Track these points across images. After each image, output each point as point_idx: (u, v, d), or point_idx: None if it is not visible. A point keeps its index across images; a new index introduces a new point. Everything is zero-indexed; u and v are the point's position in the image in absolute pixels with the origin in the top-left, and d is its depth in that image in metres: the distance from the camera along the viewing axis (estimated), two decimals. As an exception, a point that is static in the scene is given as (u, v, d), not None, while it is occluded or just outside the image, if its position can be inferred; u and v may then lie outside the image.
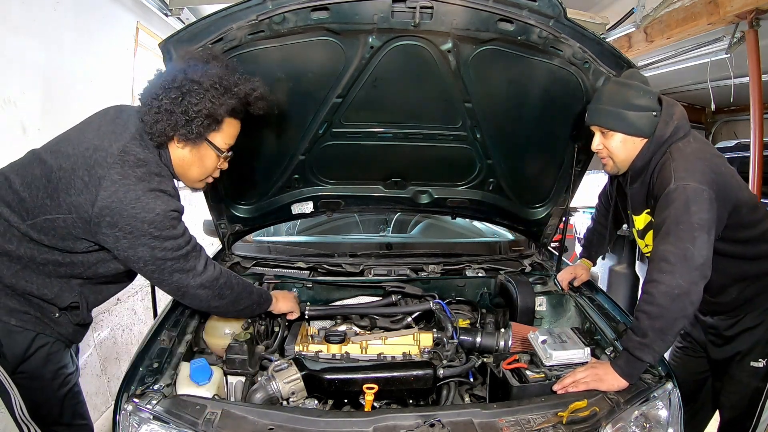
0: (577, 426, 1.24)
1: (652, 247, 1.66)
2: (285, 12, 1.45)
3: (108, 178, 1.25)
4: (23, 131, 2.20)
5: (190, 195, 1.66)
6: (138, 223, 1.26)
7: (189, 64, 1.34)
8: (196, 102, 1.30)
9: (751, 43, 2.86)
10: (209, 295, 1.44)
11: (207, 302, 1.47)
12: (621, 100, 1.51)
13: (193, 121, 1.32)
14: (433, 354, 1.69)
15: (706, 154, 1.49)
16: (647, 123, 1.51)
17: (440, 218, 2.86)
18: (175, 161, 1.42)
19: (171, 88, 1.30)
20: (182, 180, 1.49)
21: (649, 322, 1.35)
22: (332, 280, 2.11)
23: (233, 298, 1.51)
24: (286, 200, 2.17)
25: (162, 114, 1.30)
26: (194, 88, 1.30)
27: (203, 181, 1.52)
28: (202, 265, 1.41)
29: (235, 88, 1.36)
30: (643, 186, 1.58)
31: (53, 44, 2.39)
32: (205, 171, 1.48)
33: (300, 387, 1.45)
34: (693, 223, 1.35)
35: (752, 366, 1.64)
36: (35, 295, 1.35)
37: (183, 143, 1.38)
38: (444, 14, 1.48)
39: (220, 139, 1.42)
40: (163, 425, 1.20)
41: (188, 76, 1.31)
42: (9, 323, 1.33)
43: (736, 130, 6.04)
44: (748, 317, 1.64)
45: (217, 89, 1.32)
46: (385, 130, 1.92)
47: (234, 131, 1.46)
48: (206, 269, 1.42)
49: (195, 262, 1.39)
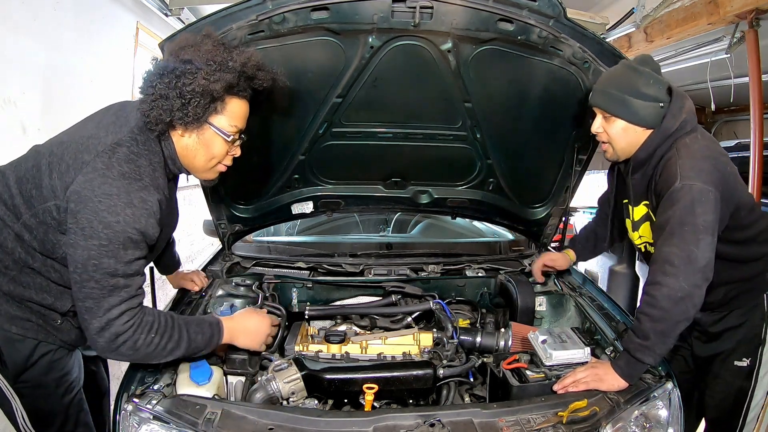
0: (577, 426, 1.24)
1: (641, 240, 1.67)
2: (285, 12, 1.45)
3: (91, 164, 1.18)
4: (23, 131, 2.20)
5: (189, 195, 1.66)
6: (96, 222, 1.14)
7: (182, 48, 1.27)
8: (189, 82, 1.21)
9: (751, 43, 2.86)
10: (103, 348, 1.20)
11: (102, 353, 1.23)
12: (628, 85, 1.45)
13: (189, 103, 1.22)
14: (433, 354, 1.69)
15: (714, 152, 1.46)
16: (652, 113, 1.45)
17: (440, 218, 2.86)
18: (180, 151, 1.33)
19: (165, 73, 1.23)
20: (192, 171, 1.40)
21: (651, 325, 1.34)
22: (332, 280, 2.11)
23: (139, 358, 1.27)
24: (286, 200, 2.17)
25: (157, 100, 1.22)
26: (187, 69, 1.22)
27: (213, 170, 1.40)
28: (117, 312, 1.18)
29: (230, 62, 1.26)
30: (644, 178, 1.55)
31: (53, 44, 2.40)
32: (213, 158, 1.35)
33: (300, 387, 1.45)
34: (698, 225, 1.33)
35: (736, 365, 1.64)
36: (34, 301, 1.32)
37: (184, 130, 1.29)
38: (444, 14, 1.48)
39: (224, 120, 1.31)
40: (163, 425, 1.20)
41: (180, 57, 1.24)
42: (10, 331, 1.31)
43: (736, 130, 6.04)
44: (734, 314, 1.64)
45: (211, 65, 1.23)
46: (385, 130, 1.92)
47: (240, 111, 1.34)
48: (118, 319, 1.18)
49: (113, 305, 1.18)
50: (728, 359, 1.65)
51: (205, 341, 1.35)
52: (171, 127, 1.28)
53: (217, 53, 1.26)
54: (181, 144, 1.33)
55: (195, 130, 1.30)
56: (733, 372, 1.65)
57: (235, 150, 1.40)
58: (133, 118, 1.30)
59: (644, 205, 1.60)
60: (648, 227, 1.61)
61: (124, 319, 1.20)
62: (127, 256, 1.18)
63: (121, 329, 1.19)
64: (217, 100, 1.28)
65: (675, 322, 1.34)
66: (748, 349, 1.64)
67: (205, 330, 1.36)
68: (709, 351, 1.69)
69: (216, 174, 1.43)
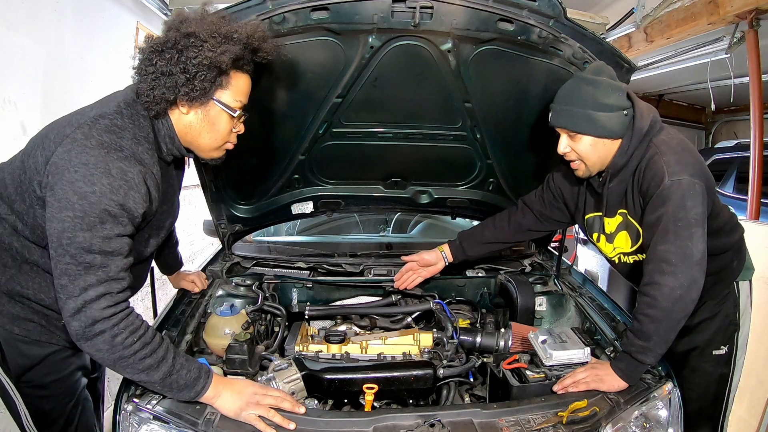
0: (577, 426, 1.24)
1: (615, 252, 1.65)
2: (285, 12, 1.45)
3: (71, 136, 1.11)
4: (23, 131, 2.20)
5: (189, 195, 1.64)
6: (71, 192, 1.07)
7: (182, 21, 1.20)
8: (194, 55, 1.15)
9: (751, 43, 2.87)
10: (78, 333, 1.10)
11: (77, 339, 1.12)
12: (589, 100, 1.42)
13: (195, 77, 1.16)
14: (433, 354, 1.69)
15: (688, 144, 1.48)
16: (618, 123, 1.43)
17: (440, 218, 2.86)
18: (181, 130, 1.27)
19: (165, 49, 1.17)
20: (195, 151, 1.34)
21: (653, 326, 1.34)
22: (332, 280, 2.11)
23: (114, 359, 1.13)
24: (286, 200, 2.17)
25: (159, 78, 1.16)
26: (191, 42, 1.15)
27: (220, 149, 1.34)
28: (94, 294, 1.09)
29: (235, 34, 1.21)
30: (620, 184, 1.52)
31: (53, 44, 2.39)
32: (219, 137, 1.30)
33: (300, 387, 1.45)
34: (690, 219, 1.33)
35: (714, 354, 1.66)
36: (34, 300, 1.30)
37: (188, 106, 1.22)
38: (444, 14, 1.48)
39: (229, 96, 1.25)
40: (163, 425, 1.20)
41: (182, 31, 1.17)
42: (12, 332, 1.29)
43: (736, 130, 6.05)
44: (707, 306, 1.65)
45: (216, 38, 1.17)
46: (385, 130, 1.92)
47: (244, 86, 1.29)
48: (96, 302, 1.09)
49: (90, 285, 1.09)
50: (705, 350, 1.67)
51: (187, 380, 1.20)
52: (172, 104, 1.22)
53: (222, 25, 1.21)
54: (182, 122, 1.26)
55: (200, 107, 1.24)
56: (712, 362, 1.67)
57: (239, 127, 1.34)
58: (122, 95, 1.25)
59: (620, 213, 1.58)
60: (625, 236, 1.60)
61: (103, 303, 1.10)
62: (104, 231, 1.09)
63: (98, 315, 1.09)
64: (224, 74, 1.22)
65: (676, 320, 1.34)
66: (725, 337, 1.66)
67: (192, 369, 1.21)
68: (684, 346, 1.69)
69: (223, 152, 1.36)
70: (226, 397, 1.23)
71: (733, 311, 1.67)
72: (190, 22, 1.19)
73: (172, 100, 1.20)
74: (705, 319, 1.66)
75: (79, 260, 1.08)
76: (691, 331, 1.67)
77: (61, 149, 1.10)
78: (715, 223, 1.54)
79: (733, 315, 1.67)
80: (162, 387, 1.19)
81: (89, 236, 1.08)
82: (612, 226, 1.63)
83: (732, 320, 1.67)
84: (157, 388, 1.20)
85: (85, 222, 1.07)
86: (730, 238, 1.64)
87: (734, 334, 1.67)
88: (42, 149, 1.15)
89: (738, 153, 4.59)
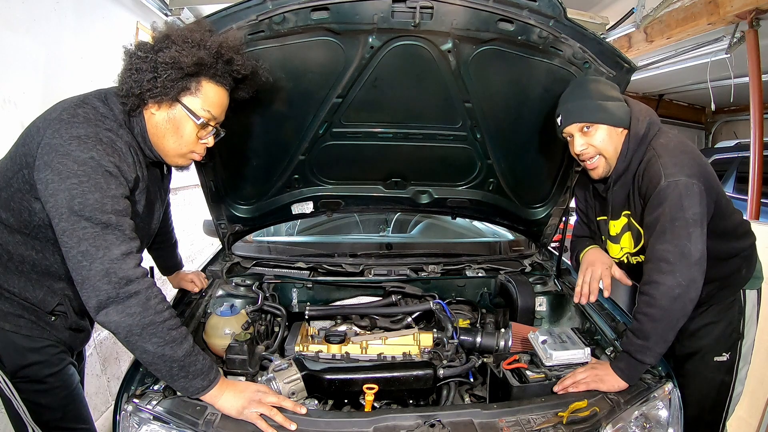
0: (577, 426, 1.24)
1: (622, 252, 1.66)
2: (285, 12, 1.45)
3: (57, 118, 1.18)
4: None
5: (189, 195, 1.64)
6: (69, 161, 1.12)
7: (170, 28, 1.28)
8: (163, 55, 1.21)
9: (751, 43, 2.87)
10: (109, 296, 1.10)
11: (105, 305, 1.11)
12: (597, 92, 1.52)
13: (159, 75, 1.21)
14: (433, 354, 1.69)
15: (687, 146, 1.49)
16: (624, 111, 1.52)
17: (440, 218, 2.86)
18: (150, 130, 1.31)
19: (143, 48, 1.24)
20: (161, 155, 1.35)
21: (651, 325, 1.35)
22: (332, 280, 2.11)
23: (144, 325, 1.13)
24: (286, 200, 2.17)
25: (132, 74, 1.22)
26: (165, 43, 1.23)
27: (185, 157, 1.36)
28: (119, 252, 1.12)
29: (208, 42, 1.25)
30: (623, 188, 1.57)
31: (53, 44, 2.39)
32: (183, 143, 1.31)
33: (300, 387, 1.45)
34: (687, 218, 1.34)
35: (716, 361, 1.65)
36: (22, 298, 1.32)
37: (156, 105, 1.26)
38: (444, 14, 1.48)
39: (198, 103, 1.28)
40: (164, 425, 1.20)
41: (161, 33, 1.26)
42: (3, 328, 1.31)
43: (736, 130, 6.05)
44: (711, 311, 1.65)
45: (187, 42, 1.23)
46: (385, 130, 1.92)
47: (215, 98, 1.30)
48: (123, 261, 1.12)
49: (112, 243, 1.12)
50: (707, 356, 1.66)
51: (203, 366, 1.22)
52: (144, 102, 1.26)
53: (197, 32, 1.26)
54: (152, 122, 1.30)
55: (167, 108, 1.28)
56: (713, 368, 1.66)
57: (207, 139, 1.35)
58: (105, 90, 1.31)
59: (624, 215, 1.61)
60: (629, 237, 1.62)
61: (131, 263, 1.13)
62: (110, 190, 1.15)
63: (131, 273, 1.12)
64: (190, 78, 1.25)
65: (675, 319, 1.34)
66: (727, 344, 1.65)
67: (207, 358, 1.24)
68: (686, 349, 1.69)
69: (188, 161, 1.38)
70: (228, 396, 1.24)
71: (737, 319, 1.65)
72: (175, 28, 1.27)
73: (138, 95, 1.24)
74: (708, 323, 1.65)
75: (96, 221, 1.12)
76: (693, 335, 1.66)
77: (51, 131, 1.16)
78: (723, 225, 1.54)
79: (738, 323, 1.65)
80: (180, 368, 1.18)
81: (99, 196, 1.13)
82: (617, 228, 1.65)
83: (735, 328, 1.65)
84: (174, 371, 1.18)
85: (92, 184, 1.13)
86: (740, 244, 1.63)
87: (737, 343, 1.66)
88: (31, 138, 1.21)
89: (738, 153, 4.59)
